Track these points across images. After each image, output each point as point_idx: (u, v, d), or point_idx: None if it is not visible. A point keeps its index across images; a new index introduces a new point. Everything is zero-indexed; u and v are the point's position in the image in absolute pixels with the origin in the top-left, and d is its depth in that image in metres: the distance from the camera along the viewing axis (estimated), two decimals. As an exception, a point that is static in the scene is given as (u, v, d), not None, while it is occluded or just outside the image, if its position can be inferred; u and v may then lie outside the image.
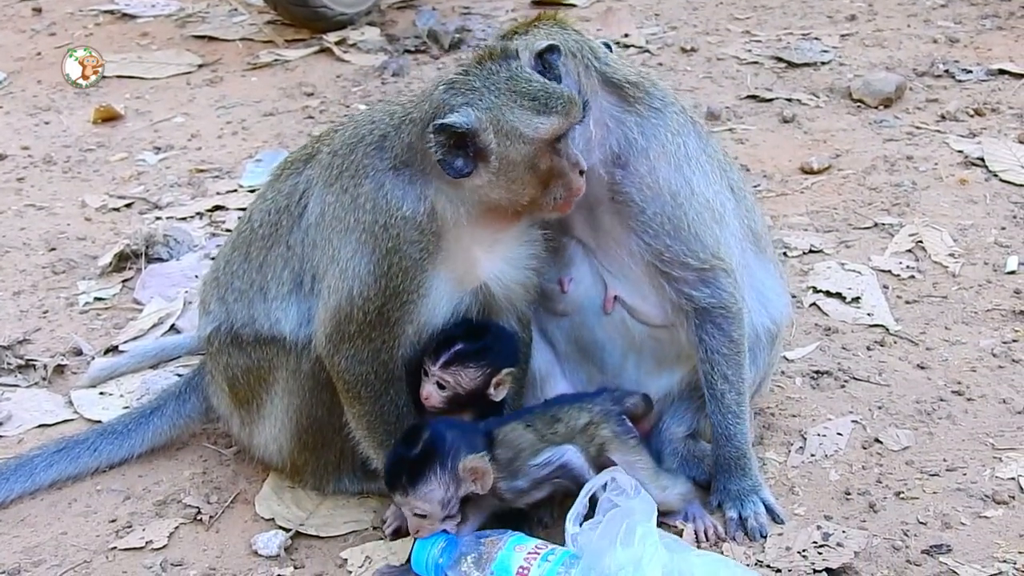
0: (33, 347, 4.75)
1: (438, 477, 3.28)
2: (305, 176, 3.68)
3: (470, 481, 3.32)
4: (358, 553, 3.59)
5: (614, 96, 3.62)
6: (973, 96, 6.76)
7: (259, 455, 3.91)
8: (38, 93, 7.53)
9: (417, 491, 3.28)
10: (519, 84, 3.32)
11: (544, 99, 3.31)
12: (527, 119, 3.30)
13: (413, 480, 3.28)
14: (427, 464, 3.28)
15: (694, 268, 3.59)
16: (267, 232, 3.72)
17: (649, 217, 3.57)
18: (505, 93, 3.31)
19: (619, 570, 3.08)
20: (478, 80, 3.34)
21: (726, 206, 3.72)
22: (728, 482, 3.69)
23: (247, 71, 7.76)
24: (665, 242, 3.57)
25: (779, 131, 6.51)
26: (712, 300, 3.62)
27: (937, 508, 3.66)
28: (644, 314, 3.71)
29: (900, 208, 5.56)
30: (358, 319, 3.45)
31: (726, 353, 3.66)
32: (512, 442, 3.44)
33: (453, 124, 3.25)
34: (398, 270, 3.40)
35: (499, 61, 3.37)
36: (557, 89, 3.35)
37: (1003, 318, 4.68)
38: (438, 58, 7.79)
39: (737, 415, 3.70)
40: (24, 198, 6.11)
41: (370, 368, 3.50)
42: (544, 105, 3.31)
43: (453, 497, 3.32)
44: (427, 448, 3.29)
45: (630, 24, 8.18)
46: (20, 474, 3.89)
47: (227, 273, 3.82)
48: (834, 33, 7.88)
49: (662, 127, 3.64)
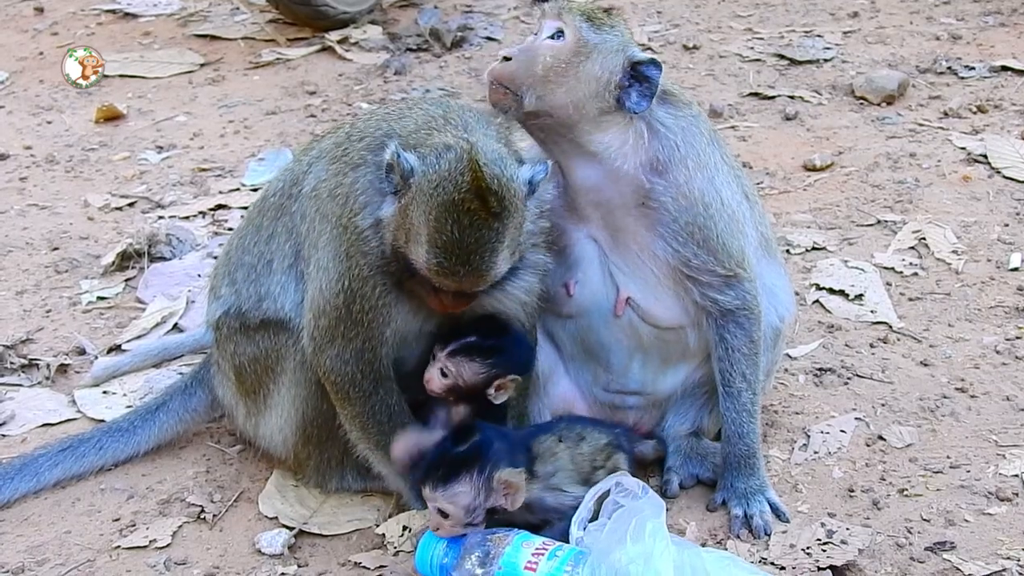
0: (36, 346, 4.76)
1: (472, 481, 3.24)
2: (320, 147, 3.69)
3: (502, 494, 3.27)
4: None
5: (666, 103, 3.61)
6: (976, 93, 6.76)
7: (263, 446, 3.91)
8: (40, 92, 7.54)
9: (448, 489, 3.24)
10: (453, 224, 3.12)
11: (439, 253, 3.14)
12: (420, 232, 3.17)
13: (447, 477, 3.24)
14: (465, 465, 3.24)
15: (720, 275, 3.62)
16: (278, 202, 3.73)
17: (681, 226, 3.57)
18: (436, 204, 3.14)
19: (629, 563, 3.06)
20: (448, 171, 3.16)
21: (745, 215, 3.76)
22: (736, 480, 3.69)
23: (249, 70, 7.76)
24: (693, 250, 3.59)
25: (782, 128, 6.51)
26: (737, 302, 3.65)
27: (941, 505, 3.66)
28: (655, 316, 3.71)
29: (903, 205, 5.55)
30: (329, 314, 3.44)
31: (746, 352, 3.69)
32: (552, 457, 3.44)
33: (399, 158, 3.21)
34: (356, 273, 3.39)
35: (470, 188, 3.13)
36: (466, 262, 3.15)
37: (1006, 315, 4.68)
38: (440, 56, 7.79)
39: (751, 414, 3.72)
40: (27, 197, 6.12)
41: (355, 368, 3.49)
42: (434, 252, 3.14)
43: (480, 505, 3.27)
44: (472, 450, 3.26)
45: (632, 22, 8.17)
46: (25, 473, 3.89)
47: (238, 249, 3.82)
48: (836, 30, 7.87)
49: (699, 136, 3.67)
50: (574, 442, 3.53)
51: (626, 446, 3.65)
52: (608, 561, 3.09)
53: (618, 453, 3.58)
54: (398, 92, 7.18)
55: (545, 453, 3.45)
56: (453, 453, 3.27)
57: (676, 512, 3.70)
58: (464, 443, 3.28)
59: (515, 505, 3.29)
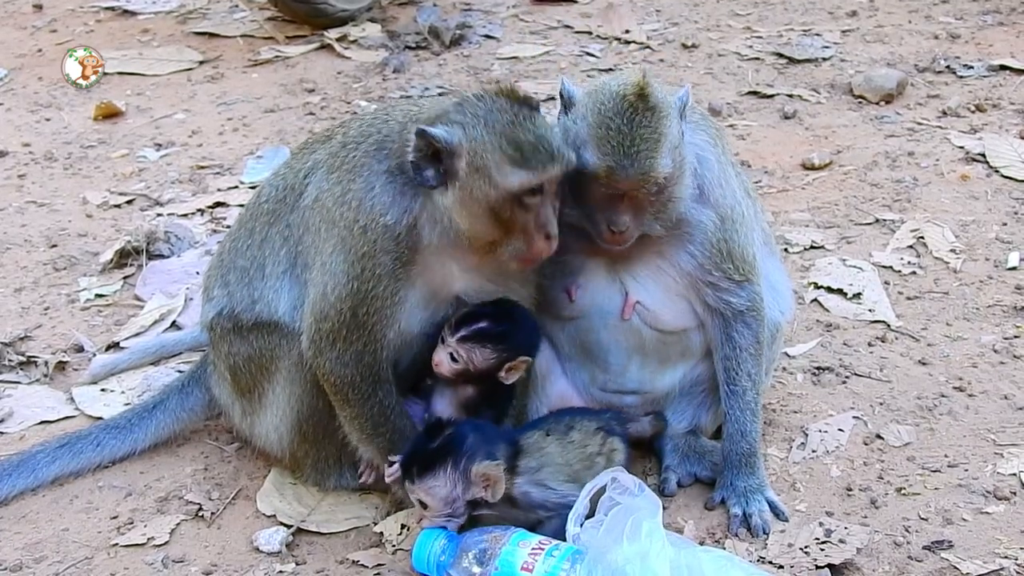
0: (34, 344, 4.75)
1: (447, 475, 3.29)
2: (314, 158, 3.69)
3: (481, 486, 3.31)
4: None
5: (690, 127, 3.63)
6: (974, 92, 6.76)
7: (260, 445, 3.91)
8: (39, 90, 7.53)
9: (423, 483, 3.30)
10: (515, 130, 3.29)
11: (527, 152, 3.27)
12: (500, 164, 3.27)
13: (422, 471, 3.30)
14: (439, 460, 3.29)
15: (736, 280, 3.66)
16: (272, 208, 3.73)
17: (713, 243, 3.63)
18: (497, 133, 3.29)
19: (626, 563, 3.07)
20: (483, 109, 3.33)
21: (751, 216, 3.79)
22: (736, 478, 3.70)
23: (248, 68, 7.76)
24: (717, 261, 3.64)
25: (780, 127, 6.51)
26: (747, 303, 3.70)
27: (938, 504, 3.66)
28: (662, 320, 3.73)
29: (901, 204, 5.55)
30: (332, 318, 3.46)
31: (752, 352, 3.72)
32: (538, 451, 3.45)
33: (434, 136, 3.26)
34: (370, 275, 3.41)
35: (514, 103, 3.34)
36: (547, 145, 3.30)
37: (1004, 314, 4.68)
38: (439, 54, 7.79)
39: (754, 412, 3.73)
40: (25, 195, 6.11)
41: (355, 371, 3.50)
42: (523, 158, 3.27)
43: (459, 498, 3.32)
44: (444, 445, 3.31)
45: (631, 20, 8.18)
46: (22, 470, 3.89)
47: (231, 252, 3.83)
48: (835, 29, 7.88)
49: (715, 146, 3.73)
50: (563, 433, 3.55)
51: (618, 429, 3.66)
52: (605, 561, 3.09)
53: (611, 437, 3.60)
54: (397, 90, 7.18)
55: (531, 448, 3.47)
56: (427, 448, 3.32)
57: (674, 510, 3.70)
58: (436, 438, 3.32)
59: (495, 497, 3.32)
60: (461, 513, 3.35)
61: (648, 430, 3.85)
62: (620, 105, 3.38)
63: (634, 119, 3.36)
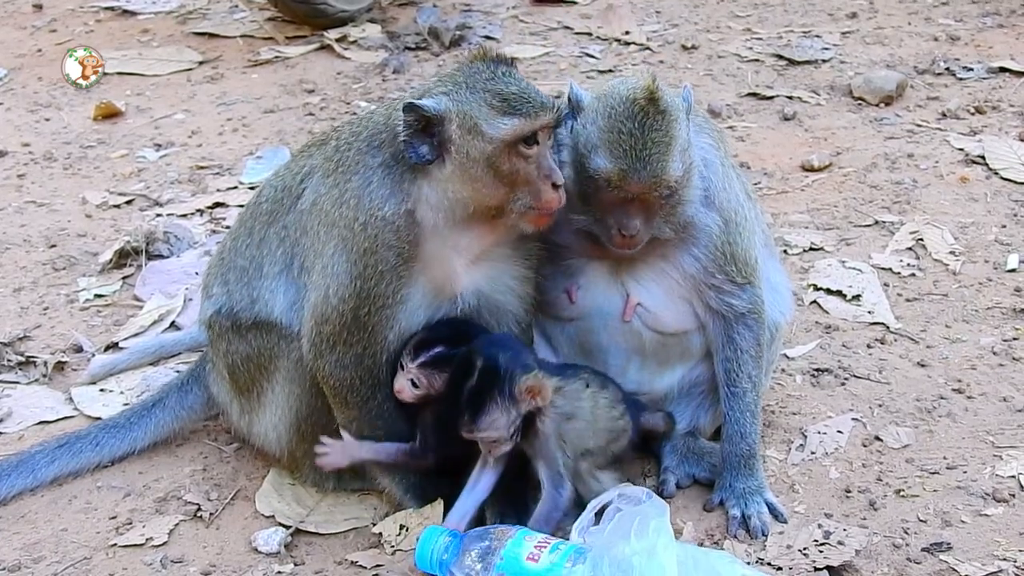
0: (33, 344, 4.75)
1: (499, 405, 3.32)
2: (310, 163, 3.71)
3: (528, 400, 3.35)
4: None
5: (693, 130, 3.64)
6: (974, 94, 6.76)
7: (258, 444, 3.91)
8: (39, 89, 7.53)
9: (480, 424, 3.33)
10: (496, 84, 3.36)
11: (513, 101, 3.33)
12: (489, 116, 3.32)
13: (475, 415, 3.32)
14: (486, 395, 3.31)
15: (738, 283, 3.67)
16: (270, 208, 3.74)
17: (718, 247, 3.64)
18: (480, 91, 3.35)
19: (633, 555, 3.08)
20: (463, 75, 3.40)
21: (752, 218, 3.80)
22: (735, 480, 3.70)
23: (248, 68, 7.76)
24: (720, 264, 3.66)
25: (780, 129, 6.51)
26: (749, 305, 3.71)
27: (937, 506, 3.66)
28: (662, 322, 3.74)
29: (901, 206, 5.56)
30: (334, 320, 3.47)
31: (753, 354, 3.73)
32: (575, 399, 3.50)
33: (422, 107, 3.29)
34: (373, 272, 3.41)
35: (491, 63, 3.41)
36: (532, 94, 3.36)
37: (1003, 316, 4.68)
38: (439, 55, 7.78)
39: (754, 414, 3.74)
40: (25, 195, 6.11)
41: (354, 374, 3.52)
42: (510, 106, 3.32)
43: (516, 419, 3.35)
44: (483, 378, 3.32)
45: (631, 21, 8.18)
46: (21, 470, 3.89)
47: (231, 251, 3.84)
48: (835, 31, 7.88)
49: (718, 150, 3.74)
50: (599, 386, 3.59)
51: (634, 413, 3.69)
52: (611, 554, 3.10)
53: (627, 418, 3.63)
54: (396, 91, 7.17)
55: (571, 394, 3.50)
56: (469, 389, 3.32)
57: (672, 512, 3.67)
58: (472, 373, 3.32)
59: (546, 401, 3.37)
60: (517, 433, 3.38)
61: (661, 425, 3.85)
62: (631, 109, 3.40)
63: (645, 123, 3.38)
